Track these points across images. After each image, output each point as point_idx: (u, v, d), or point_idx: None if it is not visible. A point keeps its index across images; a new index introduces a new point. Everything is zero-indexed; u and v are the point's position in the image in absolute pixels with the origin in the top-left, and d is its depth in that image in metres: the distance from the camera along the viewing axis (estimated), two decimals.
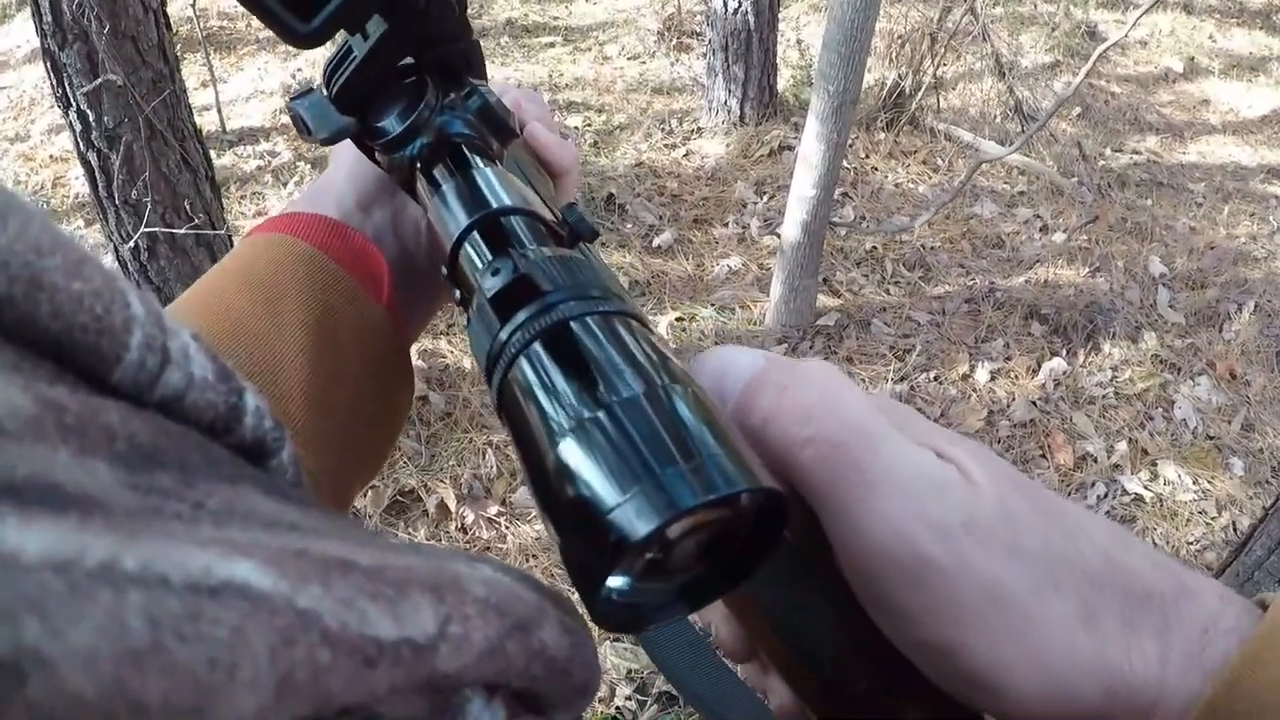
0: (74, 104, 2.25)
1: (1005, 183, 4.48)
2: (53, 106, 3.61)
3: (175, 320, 0.23)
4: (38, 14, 2.17)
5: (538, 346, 0.34)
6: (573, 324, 0.34)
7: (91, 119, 2.26)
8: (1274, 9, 7.83)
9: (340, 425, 0.53)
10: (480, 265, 0.41)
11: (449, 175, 0.48)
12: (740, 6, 4.62)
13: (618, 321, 0.35)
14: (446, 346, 3.06)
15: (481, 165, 0.48)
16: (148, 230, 2.32)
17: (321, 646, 0.17)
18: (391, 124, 0.51)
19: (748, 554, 0.32)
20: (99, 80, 2.19)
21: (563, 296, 0.35)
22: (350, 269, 0.55)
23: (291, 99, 0.54)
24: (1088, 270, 3.88)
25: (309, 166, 4.45)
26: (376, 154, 0.54)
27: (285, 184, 4.37)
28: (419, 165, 0.50)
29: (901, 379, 3.12)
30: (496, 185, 0.46)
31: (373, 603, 0.19)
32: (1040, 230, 4.16)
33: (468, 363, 3.00)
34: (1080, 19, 7.09)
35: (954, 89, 5.49)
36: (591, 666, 0.25)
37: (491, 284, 0.37)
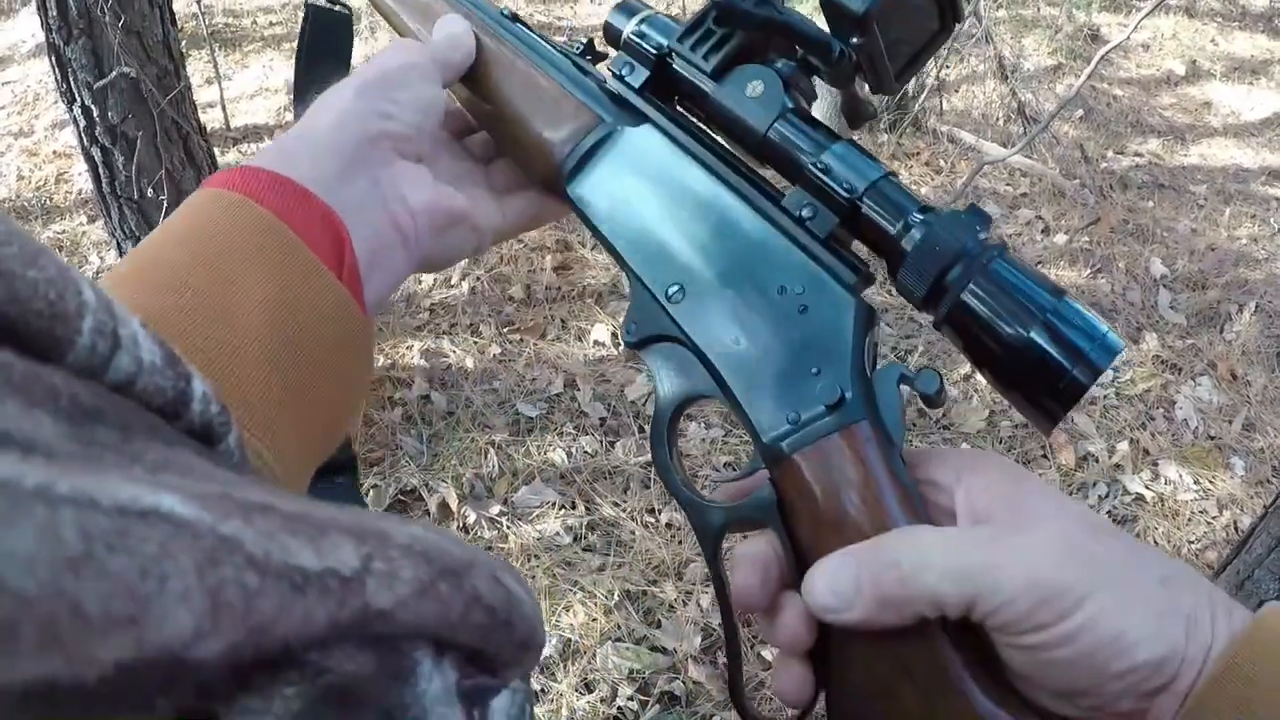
0: (78, 99, 2.25)
1: (1008, 184, 4.49)
2: (57, 102, 3.62)
3: (124, 308, 0.24)
4: (44, 8, 2.17)
5: (980, 279, 0.49)
6: (996, 262, 0.49)
7: (96, 114, 2.26)
8: (1275, 12, 7.83)
9: (297, 408, 0.51)
10: (900, 214, 0.53)
11: (828, 135, 0.57)
12: None
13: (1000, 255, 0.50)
14: (449, 346, 3.07)
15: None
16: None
17: (247, 569, 0.18)
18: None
19: None
20: (108, 76, 2.19)
21: (976, 246, 0.50)
22: (312, 243, 0.52)
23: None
24: (1089, 271, 3.88)
25: None
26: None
27: None
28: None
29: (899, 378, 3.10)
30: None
31: (293, 538, 0.20)
32: (1042, 232, 4.16)
33: (470, 362, 3.00)
34: (1083, 22, 7.11)
35: (957, 91, 5.49)
36: (532, 620, 0.26)
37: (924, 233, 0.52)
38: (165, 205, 2.37)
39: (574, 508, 2.62)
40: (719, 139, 0.60)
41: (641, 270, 0.57)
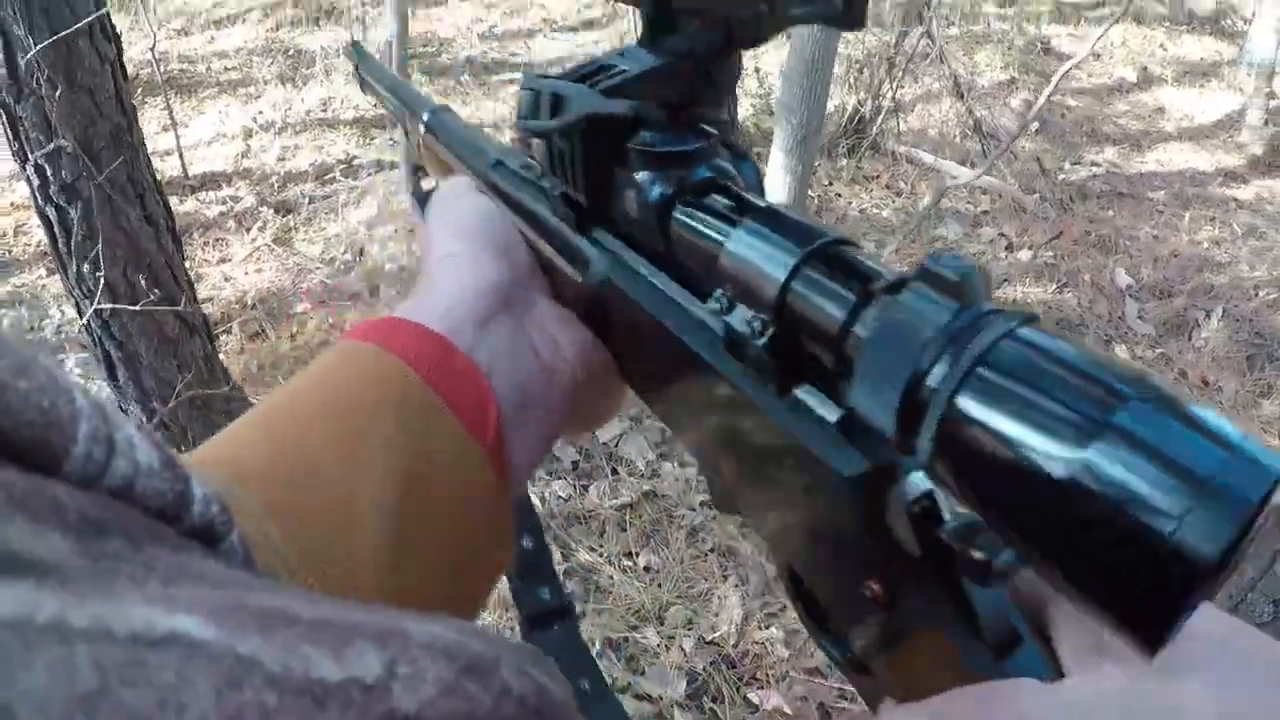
0: (30, 158, 2.20)
1: (969, 203, 4.51)
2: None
3: (118, 412, 0.24)
4: None
5: (983, 371, 0.29)
6: (1007, 341, 0.29)
7: (49, 173, 2.22)
8: (1221, 13, 7.96)
9: (418, 585, 0.45)
10: (844, 300, 0.36)
11: (738, 210, 0.44)
12: None
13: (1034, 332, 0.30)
14: None
15: (761, 202, 0.44)
16: (109, 305, 2.28)
17: (267, 689, 0.18)
18: (664, 138, 0.47)
19: None
20: (53, 144, 2.15)
21: (971, 316, 0.31)
22: (453, 401, 0.47)
23: (529, 76, 0.51)
24: (1055, 286, 3.90)
25: (272, 212, 4.43)
26: (613, 168, 0.49)
27: (248, 230, 4.34)
28: (683, 198, 0.46)
29: None
30: (800, 219, 0.41)
31: (314, 648, 0.19)
32: (1006, 249, 4.18)
33: None
34: (1034, 35, 7.19)
35: (913, 111, 5.53)
36: (563, 710, 0.25)
37: (880, 319, 0.33)
38: (123, 264, 2.32)
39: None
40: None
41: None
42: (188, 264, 4.10)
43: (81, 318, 2.33)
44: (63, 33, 2.10)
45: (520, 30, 6.86)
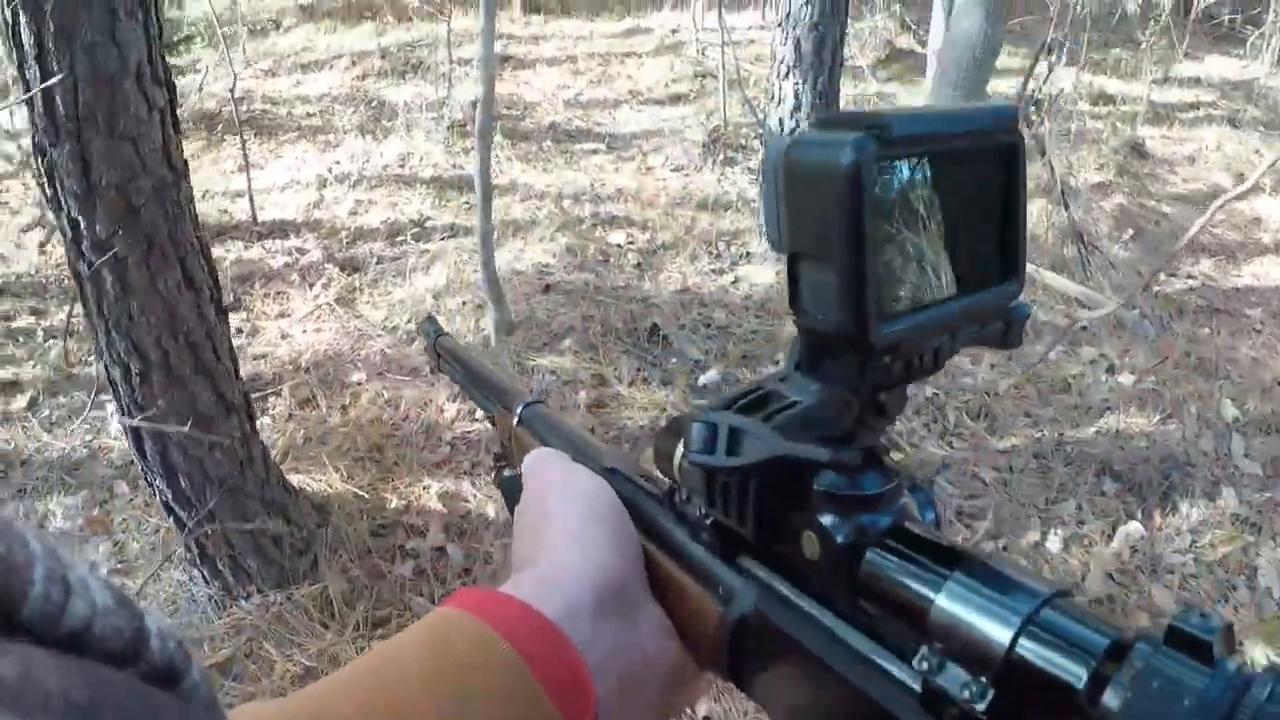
0: (65, 208, 2.04)
1: (1065, 315, 4.27)
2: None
3: (69, 554, 0.25)
4: (31, 105, 1.96)
5: None
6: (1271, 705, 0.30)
7: (83, 226, 2.04)
8: None
9: None
10: (1083, 663, 0.35)
11: (943, 560, 0.41)
12: (798, 127, 4.46)
13: None
14: (470, 489, 2.83)
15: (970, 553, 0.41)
16: (139, 370, 2.10)
17: None
18: (868, 478, 0.45)
19: None
20: (90, 195, 1.97)
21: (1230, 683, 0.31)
22: (560, 701, 0.46)
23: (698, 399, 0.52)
24: (1159, 417, 3.64)
25: (338, 269, 4.32)
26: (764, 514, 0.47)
27: (312, 285, 4.23)
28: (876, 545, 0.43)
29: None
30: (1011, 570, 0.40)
31: None
32: (1107, 371, 3.93)
33: (492, 509, 2.76)
34: (1128, 136, 7.02)
35: None
36: None
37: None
38: (158, 331, 2.14)
39: None
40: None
41: None
42: (245, 315, 4.03)
43: (112, 384, 2.17)
44: (106, 74, 1.93)
45: (605, 100, 6.79)
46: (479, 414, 3.09)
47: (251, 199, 4.65)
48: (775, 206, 0.44)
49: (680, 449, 0.48)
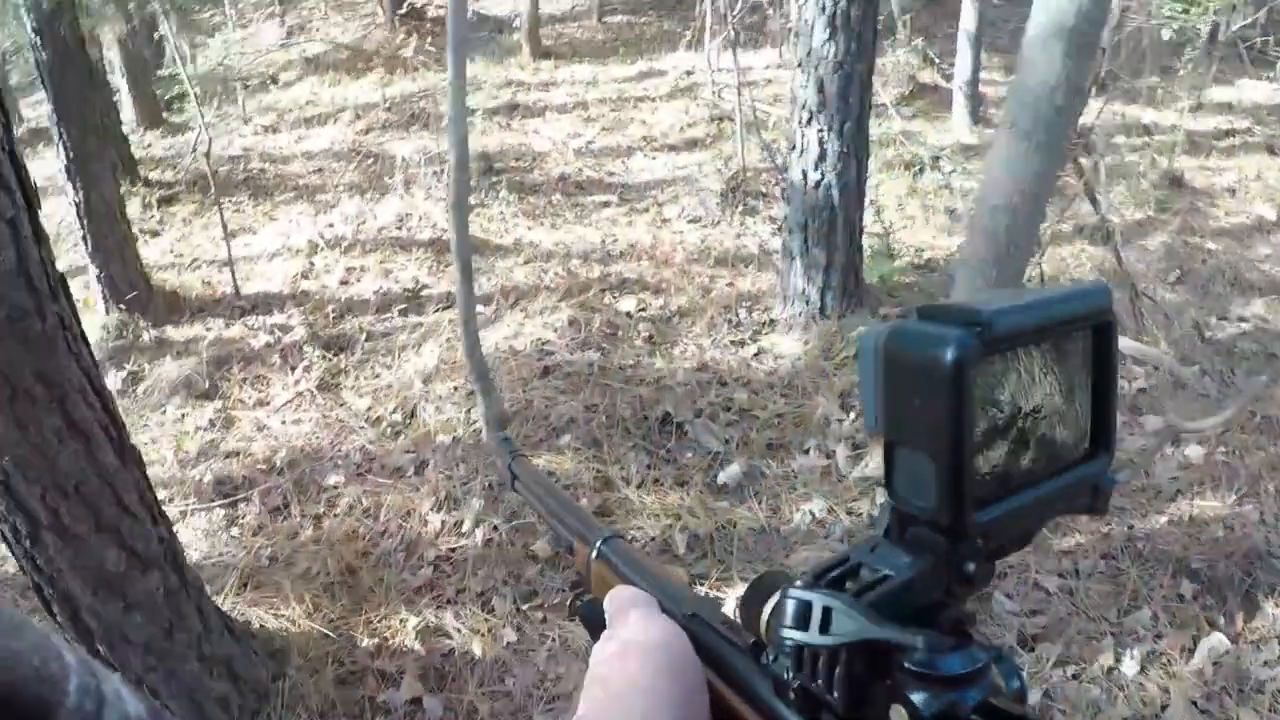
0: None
1: (1122, 377, 3.89)
2: None
3: (104, 669, 0.27)
4: None
5: None
6: None
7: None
8: None
9: None
10: None
11: None
12: (823, 179, 4.10)
13: None
14: (453, 622, 2.45)
15: None
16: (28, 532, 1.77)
17: None
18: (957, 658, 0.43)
19: None
20: None
21: None
22: None
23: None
24: (1234, 497, 3.24)
25: (322, 351, 4.01)
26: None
27: (293, 368, 3.93)
28: None
29: (1031, 677, 2.47)
30: None
31: None
32: (1173, 443, 3.54)
33: (478, 647, 2.39)
34: (1165, 169, 6.75)
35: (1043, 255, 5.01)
36: None
37: None
38: (39, 490, 1.75)
39: None
40: None
41: None
42: (220, 405, 3.69)
43: (4, 541, 1.83)
44: None
45: (618, 147, 6.49)
46: (479, 533, 2.75)
47: (233, 271, 4.37)
48: (874, 394, 0.44)
49: (769, 611, 0.48)
